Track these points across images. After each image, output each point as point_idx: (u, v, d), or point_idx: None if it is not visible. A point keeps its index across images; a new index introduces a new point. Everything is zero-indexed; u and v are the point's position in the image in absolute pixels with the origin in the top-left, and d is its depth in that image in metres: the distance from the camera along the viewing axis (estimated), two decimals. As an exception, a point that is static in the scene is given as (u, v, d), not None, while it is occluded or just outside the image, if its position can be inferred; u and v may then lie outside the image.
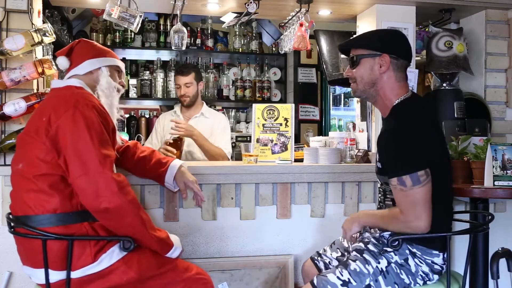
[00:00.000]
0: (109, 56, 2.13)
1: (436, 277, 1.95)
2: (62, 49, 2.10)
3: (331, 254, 2.22)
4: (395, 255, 1.91)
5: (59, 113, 1.79)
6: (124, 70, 2.22)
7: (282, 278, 2.59)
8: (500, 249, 2.03)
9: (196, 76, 3.56)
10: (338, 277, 1.89)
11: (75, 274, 1.77)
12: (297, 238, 2.68)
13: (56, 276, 1.77)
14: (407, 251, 1.92)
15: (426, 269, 1.92)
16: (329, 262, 2.20)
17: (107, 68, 2.09)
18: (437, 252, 1.93)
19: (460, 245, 2.93)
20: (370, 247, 1.97)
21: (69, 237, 1.75)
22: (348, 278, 1.88)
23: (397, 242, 1.88)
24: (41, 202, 1.77)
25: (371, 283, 1.88)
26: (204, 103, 3.70)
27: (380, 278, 1.89)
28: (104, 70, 2.08)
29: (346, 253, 2.16)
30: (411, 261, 1.91)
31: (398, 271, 1.90)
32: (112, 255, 1.81)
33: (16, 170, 1.86)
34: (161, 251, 1.92)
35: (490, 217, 2.03)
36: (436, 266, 1.93)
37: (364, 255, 1.94)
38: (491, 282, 2.33)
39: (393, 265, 1.91)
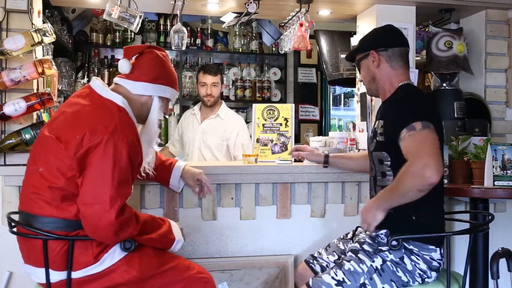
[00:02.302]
0: (167, 83, 1.99)
1: (434, 274, 1.95)
2: (131, 47, 1.98)
3: (327, 257, 2.22)
4: (390, 254, 1.92)
5: (95, 136, 1.73)
6: (174, 100, 2.10)
7: (282, 278, 2.59)
8: (500, 249, 2.03)
9: (221, 77, 3.61)
10: (332, 277, 1.90)
11: (76, 274, 1.77)
12: (297, 238, 2.68)
13: (57, 276, 1.77)
14: (403, 250, 1.92)
15: (423, 266, 1.92)
16: (326, 265, 2.20)
17: (160, 98, 1.99)
18: (433, 247, 1.94)
19: (460, 245, 2.93)
20: (365, 247, 1.97)
21: (69, 237, 1.75)
22: (343, 278, 1.89)
23: (396, 242, 1.88)
24: (52, 209, 1.76)
25: (366, 281, 1.89)
26: (223, 103, 3.66)
27: (375, 276, 1.89)
28: (155, 101, 1.97)
29: (343, 256, 2.15)
30: (406, 260, 1.92)
31: (394, 269, 1.91)
32: (114, 255, 1.81)
33: (35, 169, 1.81)
34: (163, 248, 1.96)
35: (490, 217, 2.04)
36: (434, 263, 1.94)
37: (358, 255, 1.95)
38: (491, 282, 2.33)
39: (388, 263, 1.91)
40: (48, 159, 1.78)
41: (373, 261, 1.91)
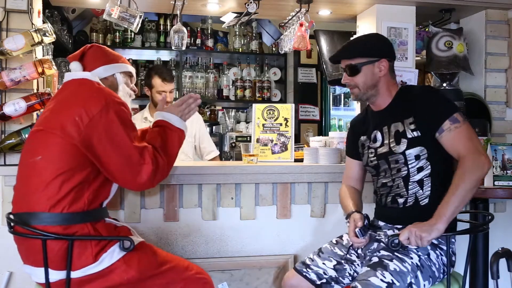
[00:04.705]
0: (122, 62, 2.14)
1: (451, 269, 1.97)
2: (73, 53, 2.09)
3: (323, 263, 2.14)
4: (418, 250, 1.92)
5: (91, 111, 1.80)
6: (135, 75, 2.22)
7: (282, 278, 2.59)
8: (500, 249, 2.03)
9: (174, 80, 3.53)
10: (381, 280, 1.83)
11: (75, 274, 1.77)
12: (297, 238, 2.68)
13: (56, 275, 1.77)
14: (428, 246, 1.93)
15: (444, 259, 1.95)
16: (323, 272, 2.12)
17: (122, 74, 2.12)
18: (453, 240, 1.98)
19: (460, 245, 2.93)
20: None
21: (69, 237, 1.75)
22: (392, 280, 1.83)
23: (397, 241, 1.88)
24: (50, 201, 1.76)
25: (412, 280, 1.86)
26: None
27: (418, 273, 1.88)
28: (119, 77, 2.10)
29: (344, 261, 2.11)
30: (432, 255, 1.93)
31: (429, 263, 1.92)
32: (113, 255, 1.81)
33: (30, 163, 1.82)
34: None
35: (490, 217, 2.04)
36: (453, 257, 1.98)
37: (395, 253, 1.91)
38: (491, 282, 2.33)
39: (422, 257, 1.91)
40: (47, 147, 1.81)
41: (412, 258, 1.90)
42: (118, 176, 1.85)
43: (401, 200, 2.05)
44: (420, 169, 2.01)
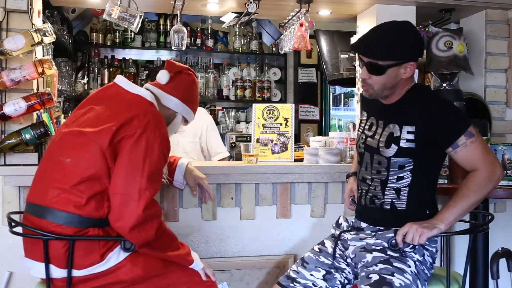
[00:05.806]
0: (193, 108, 2.14)
1: (434, 265, 1.98)
2: (174, 63, 2.12)
3: (311, 275, 2.03)
4: (415, 254, 1.90)
5: (129, 128, 1.77)
6: (189, 124, 2.23)
7: (282, 278, 2.59)
8: (500, 249, 2.03)
9: None
10: None
11: (82, 272, 1.77)
12: (297, 238, 2.68)
13: (60, 273, 1.77)
14: (421, 247, 1.92)
15: (430, 259, 1.95)
16: (312, 284, 2.02)
17: (183, 118, 2.12)
18: (436, 239, 1.96)
19: (460, 245, 2.93)
20: (390, 252, 1.91)
21: (69, 237, 1.75)
22: None
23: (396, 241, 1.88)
24: (70, 204, 1.75)
25: None
26: None
27: (418, 282, 1.86)
28: (179, 117, 2.10)
29: (333, 270, 2.04)
30: (426, 256, 1.93)
31: (422, 267, 1.91)
32: (120, 253, 1.81)
33: (59, 161, 1.80)
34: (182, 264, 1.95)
35: (490, 217, 2.04)
36: (435, 255, 1.97)
37: (394, 264, 1.86)
38: (491, 282, 2.33)
39: (417, 263, 1.90)
40: (78, 149, 1.78)
41: (409, 266, 1.87)
42: (111, 199, 1.76)
43: (378, 202, 2.01)
44: (400, 178, 1.95)
